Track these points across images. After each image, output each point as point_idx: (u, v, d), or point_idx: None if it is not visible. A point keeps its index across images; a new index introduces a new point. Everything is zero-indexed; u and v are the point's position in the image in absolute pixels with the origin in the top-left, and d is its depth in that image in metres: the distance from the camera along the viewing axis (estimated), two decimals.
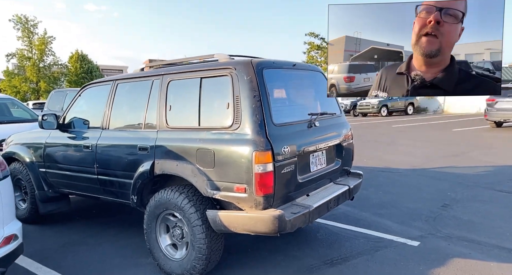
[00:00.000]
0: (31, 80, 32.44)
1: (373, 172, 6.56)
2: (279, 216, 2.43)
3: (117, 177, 3.22)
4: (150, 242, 2.99)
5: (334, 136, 3.25)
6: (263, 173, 2.42)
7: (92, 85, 3.75)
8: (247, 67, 2.63)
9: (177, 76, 2.98)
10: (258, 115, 2.52)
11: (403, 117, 20.53)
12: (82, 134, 3.55)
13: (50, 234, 3.89)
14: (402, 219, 4.13)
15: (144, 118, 3.11)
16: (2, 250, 2.30)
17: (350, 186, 3.28)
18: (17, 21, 31.80)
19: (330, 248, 3.40)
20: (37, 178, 3.93)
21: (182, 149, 2.78)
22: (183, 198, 2.73)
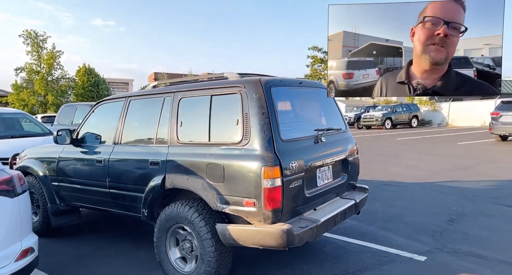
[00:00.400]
0: (39, 93, 33.00)
1: (379, 186, 6.58)
2: (288, 230, 2.50)
3: (128, 191, 3.30)
4: (160, 255, 3.05)
5: (340, 151, 3.33)
6: (271, 188, 2.50)
7: (105, 101, 3.89)
8: (256, 85, 2.75)
9: (188, 94, 3.10)
10: (266, 131, 2.61)
11: (407, 130, 20.56)
12: (95, 149, 3.66)
13: (61, 247, 3.96)
14: (408, 233, 4.15)
15: (156, 133, 3.22)
16: (20, 263, 2.37)
17: (356, 200, 3.34)
18: (27, 36, 32.65)
19: (337, 262, 3.43)
20: (50, 191, 4.03)
21: (192, 164, 2.87)
22: (193, 211, 2.80)
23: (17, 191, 2.46)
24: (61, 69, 34.07)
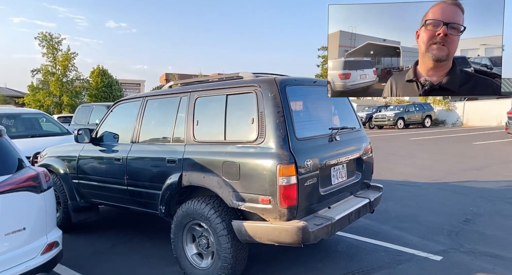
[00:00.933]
0: (55, 94, 33.74)
1: (391, 185, 6.55)
2: (303, 227, 2.53)
3: (146, 188, 3.39)
4: (177, 251, 3.12)
5: (354, 149, 3.35)
6: (287, 185, 2.54)
7: (123, 101, 3.99)
8: (271, 84, 2.79)
9: (204, 93, 3.17)
10: (281, 130, 2.66)
11: (421, 130, 20.28)
12: (113, 147, 3.76)
13: (82, 243, 4.08)
14: (423, 233, 4.13)
15: (172, 132, 3.30)
16: (45, 256, 2.47)
17: (371, 199, 3.35)
18: (42, 39, 33.44)
19: (351, 261, 3.45)
20: (70, 188, 4.15)
21: (208, 162, 2.93)
22: (209, 208, 2.87)
23: (43, 187, 2.56)
24: (76, 71, 34.84)
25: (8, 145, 2.57)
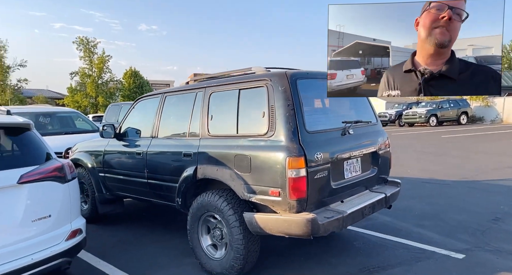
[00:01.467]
0: (91, 96, 35.49)
1: (417, 183, 6.34)
2: (312, 219, 2.54)
3: (164, 181, 3.53)
4: (192, 242, 3.22)
5: (369, 144, 3.29)
6: (296, 178, 2.56)
7: (144, 98, 4.16)
8: (281, 78, 2.82)
9: (218, 88, 3.25)
10: (291, 123, 2.67)
11: (455, 127, 19.35)
12: (135, 142, 3.94)
13: (107, 233, 4.31)
14: (447, 231, 3.99)
15: (189, 127, 3.41)
16: (69, 242, 2.66)
17: (387, 194, 3.28)
18: (80, 43, 35.27)
19: (368, 257, 3.40)
20: (97, 182, 4.39)
21: (221, 155, 3.01)
22: (222, 200, 2.94)
23: (67, 178, 2.75)
24: (110, 73, 36.47)
25: (36, 138, 2.78)
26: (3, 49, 32.77)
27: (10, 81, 33.83)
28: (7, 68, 33.13)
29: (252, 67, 3.20)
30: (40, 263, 2.38)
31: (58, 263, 2.54)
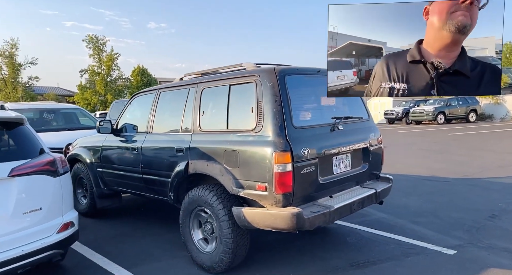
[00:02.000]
0: (100, 93, 35.92)
1: (418, 181, 6.29)
2: (298, 213, 2.56)
3: (158, 176, 3.58)
4: (184, 236, 3.27)
5: (359, 139, 3.29)
6: (282, 172, 2.58)
7: (140, 94, 4.22)
8: (270, 74, 2.83)
9: (209, 84, 3.28)
10: (278, 118, 2.69)
11: (463, 125, 19.07)
12: (131, 138, 4.00)
13: (105, 227, 4.40)
14: (441, 228, 3.96)
15: (181, 122, 3.45)
16: (61, 234, 2.72)
17: (377, 189, 3.28)
18: (89, 41, 35.70)
19: (359, 252, 3.40)
20: (95, 177, 4.48)
21: (212, 151, 3.04)
22: (212, 195, 2.97)
23: (59, 172, 2.81)
24: (118, 70, 36.87)
25: (29, 133, 2.85)
26: (15, 47, 33.40)
27: (21, 78, 34.47)
28: (18, 65, 33.74)
29: (243, 63, 3.22)
30: (31, 254, 2.45)
31: (49, 254, 2.61)
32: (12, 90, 33.38)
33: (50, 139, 6.21)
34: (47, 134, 6.42)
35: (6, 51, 33.02)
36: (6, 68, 33.44)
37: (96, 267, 3.26)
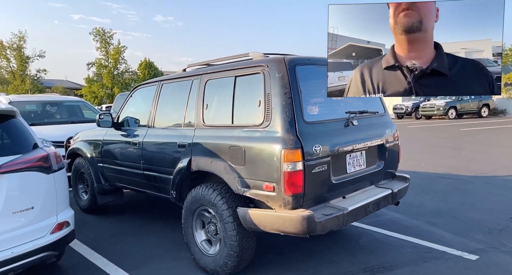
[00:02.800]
0: (107, 86, 35.92)
1: (431, 178, 6.03)
2: (309, 216, 2.35)
3: (159, 172, 3.39)
4: (187, 237, 3.09)
5: (375, 136, 3.05)
6: (292, 171, 2.37)
7: (141, 86, 4.02)
8: (279, 64, 2.60)
9: (214, 76, 3.06)
10: (288, 112, 2.47)
11: (475, 120, 18.58)
12: (132, 132, 3.81)
13: (106, 224, 4.24)
14: (460, 229, 3.72)
15: (184, 116, 3.24)
16: (54, 235, 2.55)
17: (394, 190, 3.05)
18: (96, 34, 35.61)
19: (372, 255, 3.19)
20: (96, 172, 4.31)
21: (216, 147, 2.84)
22: (216, 194, 2.78)
23: (53, 168, 2.63)
24: (125, 63, 36.80)
25: (21, 126, 2.67)
26: (23, 40, 33.45)
27: (29, 71, 34.57)
28: (26, 58, 33.82)
29: (250, 52, 2.99)
30: (21, 257, 2.29)
31: (42, 257, 2.45)
32: (21, 82, 33.51)
33: (52, 132, 6.11)
34: (49, 127, 6.32)
35: (14, 43, 33.09)
36: (15, 60, 33.54)
37: (94, 268, 3.10)
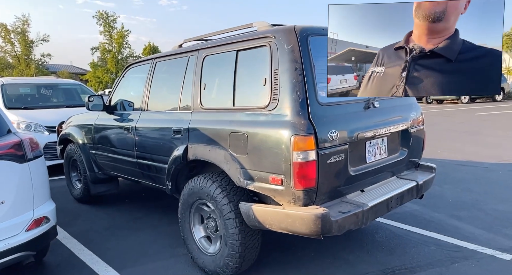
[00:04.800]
0: (111, 71, 35.49)
1: (450, 166, 5.62)
2: (323, 215, 1.99)
3: (153, 161, 3.05)
4: (184, 233, 2.77)
5: (398, 120, 2.65)
6: (303, 162, 1.99)
7: (134, 65, 3.63)
8: (288, 34, 2.19)
9: (213, 50, 2.66)
10: (299, 92, 2.07)
11: (490, 104, 17.90)
12: (124, 116, 3.46)
13: (100, 215, 3.95)
14: (489, 224, 3.35)
15: (180, 98, 2.87)
16: (31, 232, 2.24)
17: (419, 181, 2.67)
18: (99, 17, 34.91)
19: (391, 255, 2.84)
20: (88, 159, 3.99)
21: (215, 133, 2.47)
22: (215, 187, 2.43)
23: (28, 156, 2.30)
24: (129, 48, 36.19)
25: None
26: (26, 24, 32.95)
27: (34, 55, 34.20)
28: (30, 42, 33.40)
29: (254, 22, 2.57)
30: None
31: (16, 257, 2.14)
32: (26, 67, 33.23)
33: (46, 116, 5.79)
34: (44, 111, 6.00)
35: (18, 27, 32.63)
36: (19, 44, 33.15)
37: (81, 265, 2.81)
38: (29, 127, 5.47)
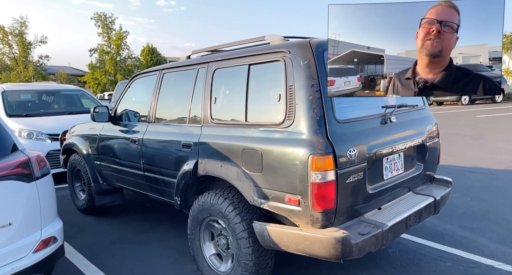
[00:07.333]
0: (110, 73, 35.34)
1: (458, 173, 5.56)
2: (343, 238, 1.92)
3: (161, 175, 2.98)
4: (194, 250, 2.70)
5: (415, 134, 2.59)
6: (322, 183, 1.92)
7: (140, 75, 3.56)
8: (304, 49, 2.12)
9: (223, 64, 2.59)
10: (316, 109, 2.01)
11: (490, 106, 17.87)
12: (131, 128, 3.38)
13: (105, 228, 3.87)
14: (503, 236, 3.29)
15: (189, 111, 2.79)
16: (39, 254, 2.16)
17: (436, 197, 2.60)
18: (97, 19, 34.75)
19: (405, 271, 2.78)
20: (92, 170, 3.91)
21: (227, 148, 2.40)
22: (227, 204, 2.36)
23: (35, 175, 2.22)
24: (128, 49, 36.03)
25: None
26: (24, 26, 32.79)
27: (32, 57, 34.03)
28: (28, 44, 33.24)
29: (266, 36, 2.50)
30: None
31: None
32: (24, 69, 33.06)
33: (48, 124, 5.71)
34: (45, 119, 5.92)
35: (16, 29, 32.47)
36: (17, 46, 32.99)
37: None
38: (31, 135, 5.39)
